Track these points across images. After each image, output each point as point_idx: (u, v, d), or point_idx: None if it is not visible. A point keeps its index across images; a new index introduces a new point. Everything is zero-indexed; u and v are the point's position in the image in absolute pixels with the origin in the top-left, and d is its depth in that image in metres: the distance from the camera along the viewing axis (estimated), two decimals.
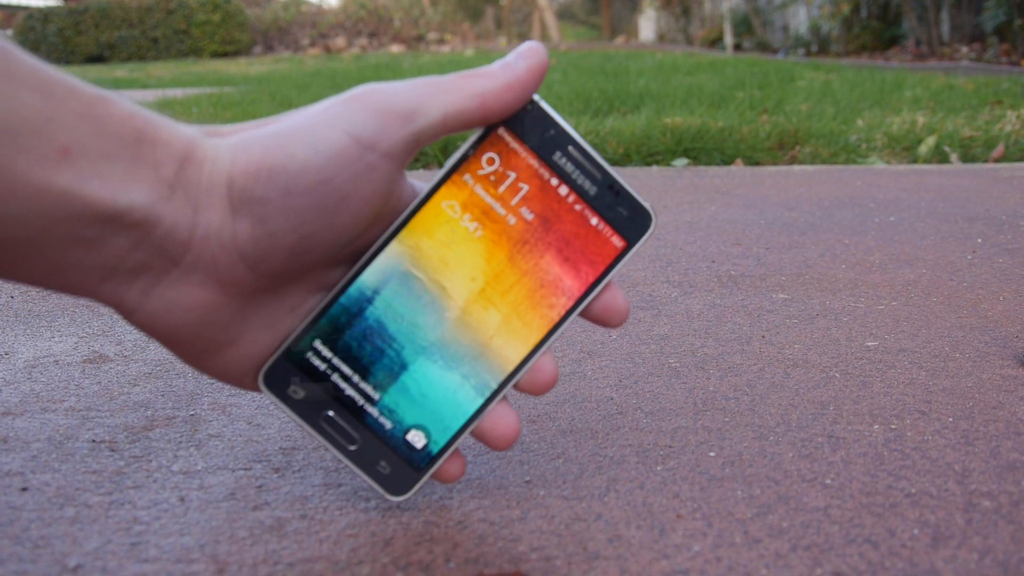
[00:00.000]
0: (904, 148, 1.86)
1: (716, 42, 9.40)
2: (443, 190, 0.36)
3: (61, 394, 0.52)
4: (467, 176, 0.36)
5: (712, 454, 0.44)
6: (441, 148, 1.75)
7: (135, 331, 0.64)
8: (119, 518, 0.37)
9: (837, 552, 0.35)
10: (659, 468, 0.42)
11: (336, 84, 3.80)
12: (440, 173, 0.36)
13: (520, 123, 0.36)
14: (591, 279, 0.37)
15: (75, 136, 0.28)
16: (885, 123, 2.11)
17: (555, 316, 0.37)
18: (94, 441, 0.45)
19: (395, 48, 10.01)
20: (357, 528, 0.37)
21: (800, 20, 8.16)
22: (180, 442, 0.45)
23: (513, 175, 0.36)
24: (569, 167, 0.37)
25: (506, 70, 0.34)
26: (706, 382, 0.53)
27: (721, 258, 0.86)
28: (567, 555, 0.34)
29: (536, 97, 0.36)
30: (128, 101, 0.30)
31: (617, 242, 0.37)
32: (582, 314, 0.38)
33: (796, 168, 1.59)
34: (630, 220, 0.37)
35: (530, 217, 0.37)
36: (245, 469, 0.42)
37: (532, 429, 0.47)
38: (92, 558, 0.34)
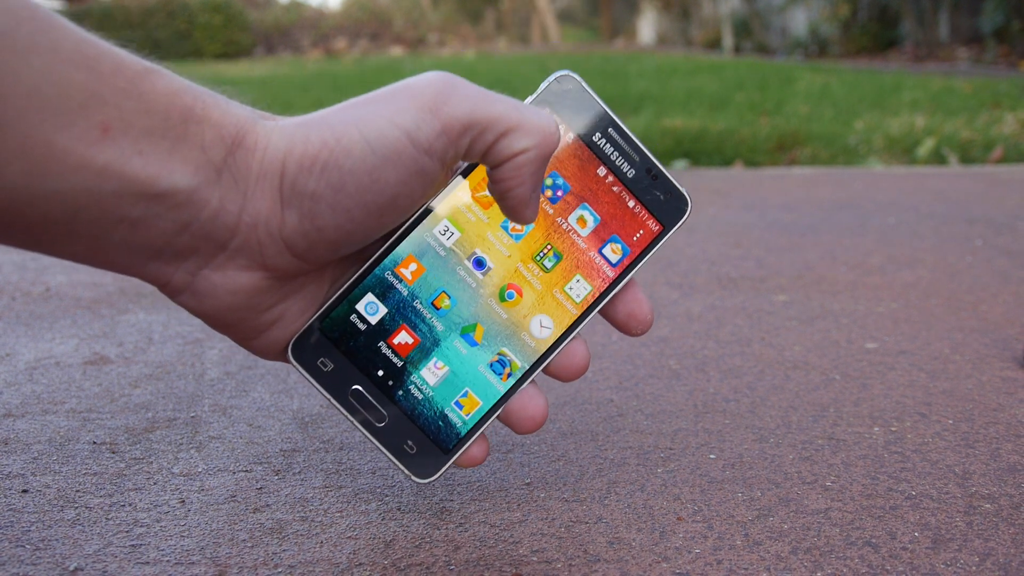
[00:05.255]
0: (903, 150, 1.86)
1: (715, 44, 9.41)
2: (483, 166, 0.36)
3: (62, 396, 0.52)
4: None
5: (712, 456, 0.44)
6: None
7: (136, 333, 0.64)
8: (119, 520, 0.37)
9: (838, 555, 0.35)
10: (659, 470, 0.42)
11: (337, 86, 3.80)
12: None
13: (561, 103, 0.36)
14: (626, 262, 0.37)
15: (118, 113, 0.27)
16: (884, 125, 2.11)
17: (589, 298, 0.37)
18: (95, 443, 0.45)
19: (396, 50, 10.01)
20: (357, 530, 0.37)
21: (799, 22, 8.17)
22: (181, 444, 0.45)
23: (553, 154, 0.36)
24: (608, 148, 0.37)
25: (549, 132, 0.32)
26: (706, 384, 0.53)
27: (721, 260, 0.86)
28: (567, 558, 0.34)
29: (577, 77, 0.36)
30: (177, 76, 0.30)
31: (653, 226, 0.37)
32: (608, 317, 0.38)
33: (795, 170, 1.59)
34: (667, 204, 0.37)
35: (569, 197, 0.37)
36: (246, 471, 0.42)
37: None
38: (92, 560, 0.34)
